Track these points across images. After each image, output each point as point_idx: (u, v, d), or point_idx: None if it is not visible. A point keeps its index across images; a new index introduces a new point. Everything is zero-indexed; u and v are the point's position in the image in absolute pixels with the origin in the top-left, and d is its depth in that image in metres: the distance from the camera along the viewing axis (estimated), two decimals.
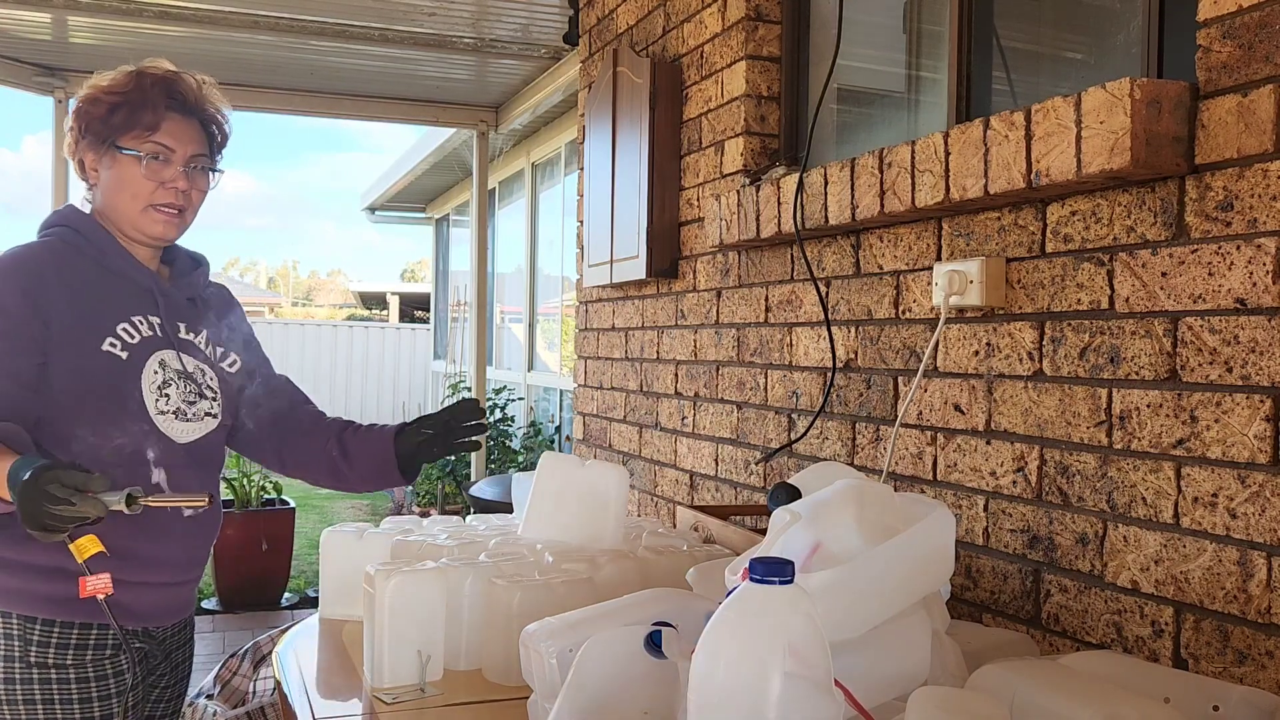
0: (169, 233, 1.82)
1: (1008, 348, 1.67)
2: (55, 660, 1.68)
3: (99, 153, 1.79)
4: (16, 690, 1.67)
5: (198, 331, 1.89)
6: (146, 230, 1.81)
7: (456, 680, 1.58)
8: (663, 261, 2.88)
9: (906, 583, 1.16)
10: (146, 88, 1.78)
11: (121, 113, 1.77)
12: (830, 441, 2.14)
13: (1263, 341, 1.28)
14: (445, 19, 4.67)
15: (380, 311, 18.80)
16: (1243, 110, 1.30)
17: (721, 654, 0.89)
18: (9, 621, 1.68)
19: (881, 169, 1.87)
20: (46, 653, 1.68)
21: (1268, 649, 1.26)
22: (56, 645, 1.69)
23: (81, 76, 5.43)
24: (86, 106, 1.79)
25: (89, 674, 1.70)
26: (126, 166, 1.77)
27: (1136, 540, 1.44)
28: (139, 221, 1.79)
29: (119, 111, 1.77)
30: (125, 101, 1.77)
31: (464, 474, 7.27)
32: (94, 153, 1.80)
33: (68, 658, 1.69)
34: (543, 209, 7.83)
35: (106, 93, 1.78)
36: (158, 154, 1.78)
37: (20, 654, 1.67)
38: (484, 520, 2.16)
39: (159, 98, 1.78)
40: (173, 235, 1.84)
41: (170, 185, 1.79)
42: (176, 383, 1.80)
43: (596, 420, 3.50)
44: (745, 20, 2.55)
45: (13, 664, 1.67)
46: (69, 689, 1.69)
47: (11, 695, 1.67)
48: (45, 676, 1.68)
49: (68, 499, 1.41)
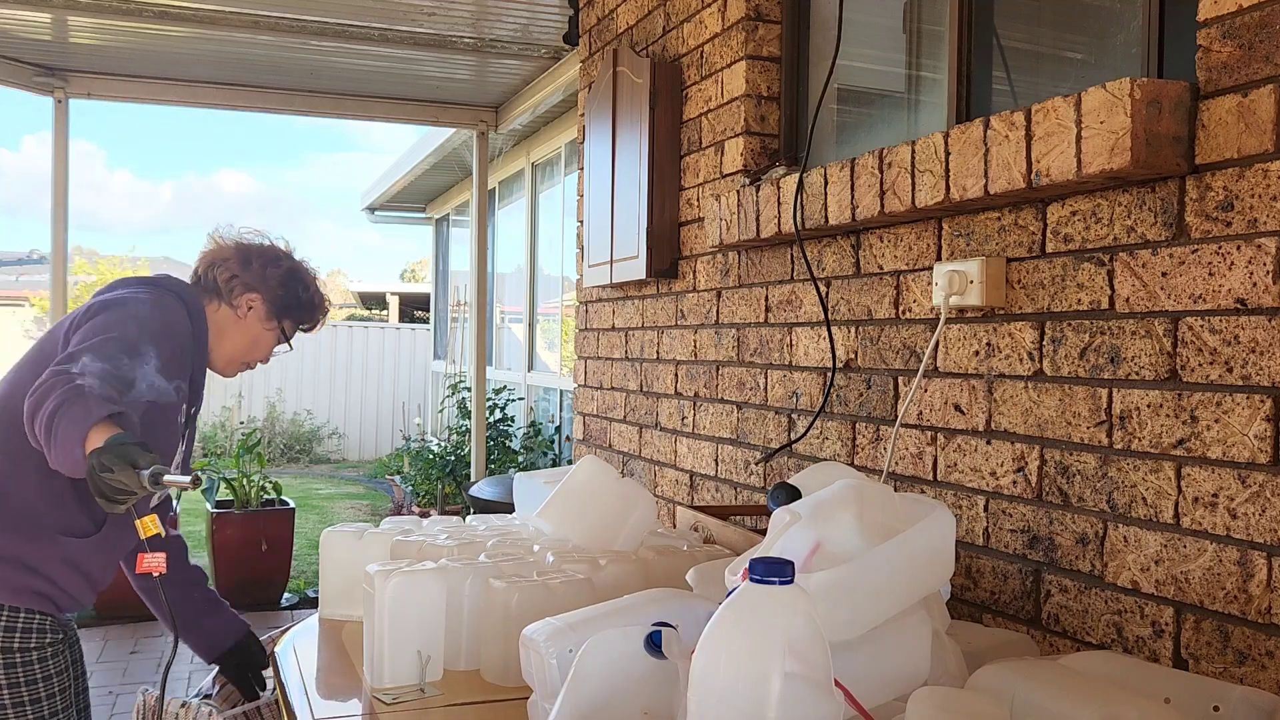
0: (232, 376, 2.20)
1: (1008, 348, 1.67)
2: (2, 644, 1.84)
3: (268, 312, 2.13)
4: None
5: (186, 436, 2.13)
6: (226, 370, 2.16)
7: (456, 680, 1.58)
8: (663, 261, 2.88)
9: (906, 583, 1.16)
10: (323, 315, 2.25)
11: (307, 312, 2.19)
12: (830, 441, 2.14)
13: (1263, 341, 1.28)
14: (445, 19, 4.67)
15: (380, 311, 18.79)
16: (1243, 110, 1.30)
17: (721, 654, 0.89)
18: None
19: (881, 169, 1.87)
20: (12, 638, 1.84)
21: (1268, 649, 1.26)
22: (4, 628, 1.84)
23: (81, 76, 5.47)
24: (293, 282, 2.15)
25: (31, 657, 1.87)
26: (271, 337, 2.16)
27: (1137, 540, 1.44)
28: (232, 363, 2.15)
29: (306, 311, 2.18)
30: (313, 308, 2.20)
31: (464, 474, 7.27)
32: (265, 308, 2.12)
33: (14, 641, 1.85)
34: (543, 209, 7.83)
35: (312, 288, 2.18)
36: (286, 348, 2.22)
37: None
38: (484, 520, 2.16)
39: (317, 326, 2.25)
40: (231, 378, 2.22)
41: (267, 359, 2.21)
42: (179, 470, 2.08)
43: (596, 420, 3.50)
44: (745, 20, 2.55)
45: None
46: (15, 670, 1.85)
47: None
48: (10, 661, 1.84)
49: (110, 468, 1.55)
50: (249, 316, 2.11)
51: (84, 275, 12.95)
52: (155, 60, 5.29)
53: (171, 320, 1.95)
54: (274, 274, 2.12)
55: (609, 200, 3.16)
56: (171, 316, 1.96)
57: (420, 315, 15.90)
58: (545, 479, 2.21)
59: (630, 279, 3.01)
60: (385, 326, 14.62)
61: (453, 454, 7.84)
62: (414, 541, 1.86)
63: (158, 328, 1.90)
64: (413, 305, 16.90)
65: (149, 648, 5.22)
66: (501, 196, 8.89)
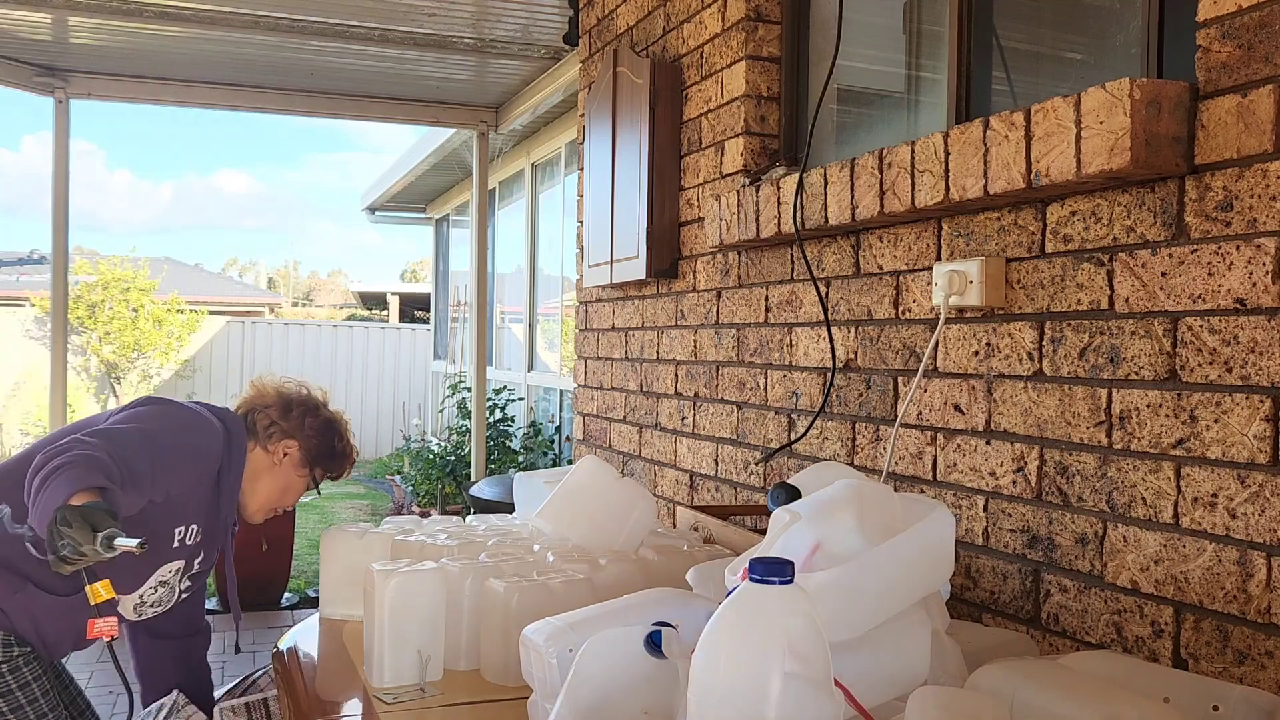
0: (261, 521, 2.22)
1: (1007, 348, 1.67)
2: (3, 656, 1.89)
3: (302, 460, 2.18)
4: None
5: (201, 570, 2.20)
6: (256, 515, 2.20)
7: (456, 680, 1.58)
8: (663, 262, 2.88)
9: (906, 583, 1.16)
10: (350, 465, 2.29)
11: (335, 462, 2.24)
12: (830, 441, 2.14)
13: (1262, 341, 1.28)
14: (445, 19, 4.67)
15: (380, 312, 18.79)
16: (1242, 110, 1.30)
17: (721, 654, 0.89)
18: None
19: (881, 169, 1.87)
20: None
21: (1267, 649, 1.27)
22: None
23: (81, 77, 5.46)
24: (331, 435, 2.22)
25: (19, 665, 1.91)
26: (301, 483, 2.21)
27: (1136, 540, 1.44)
28: (264, 507, 2.19)
29: (335, 461, 2.24)
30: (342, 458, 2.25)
31: (464, 474, 7.27)
32: (300, 455, 2.18)
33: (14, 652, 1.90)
34: (543, 209, 7.83)
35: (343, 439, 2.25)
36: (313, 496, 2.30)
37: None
38: (484, 520, 2.16)
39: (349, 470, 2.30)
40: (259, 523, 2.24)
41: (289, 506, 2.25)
42: (163, 589, 2.10)
43: (596, 420, 3.50)
44: (745, 20, 2.55)
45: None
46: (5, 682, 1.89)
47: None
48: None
49: (70, 523, 1.58)
50: (284, 463, 2.17)
51: (84, 275, 12.94)
52: (155, 60, 5.29)
53: (205, 440, 2.03)
54: (312, 424, 2.20)
55: (609, 200, 3.16)
56: (207, 437, 2.04)
57: (420, 315, 15.90)
58: (545, 479, 2.21)
59: (630, 279, 3.01)
60: (385, 326, 14.62)
61: (453, 454, 7.84)
62: (414, 541, 1.86)
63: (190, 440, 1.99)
64: (413, 305, 16.90)
65: None
66: (502, 197, 8.89)
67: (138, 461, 1.83)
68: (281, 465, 2.17)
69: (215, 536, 2.14)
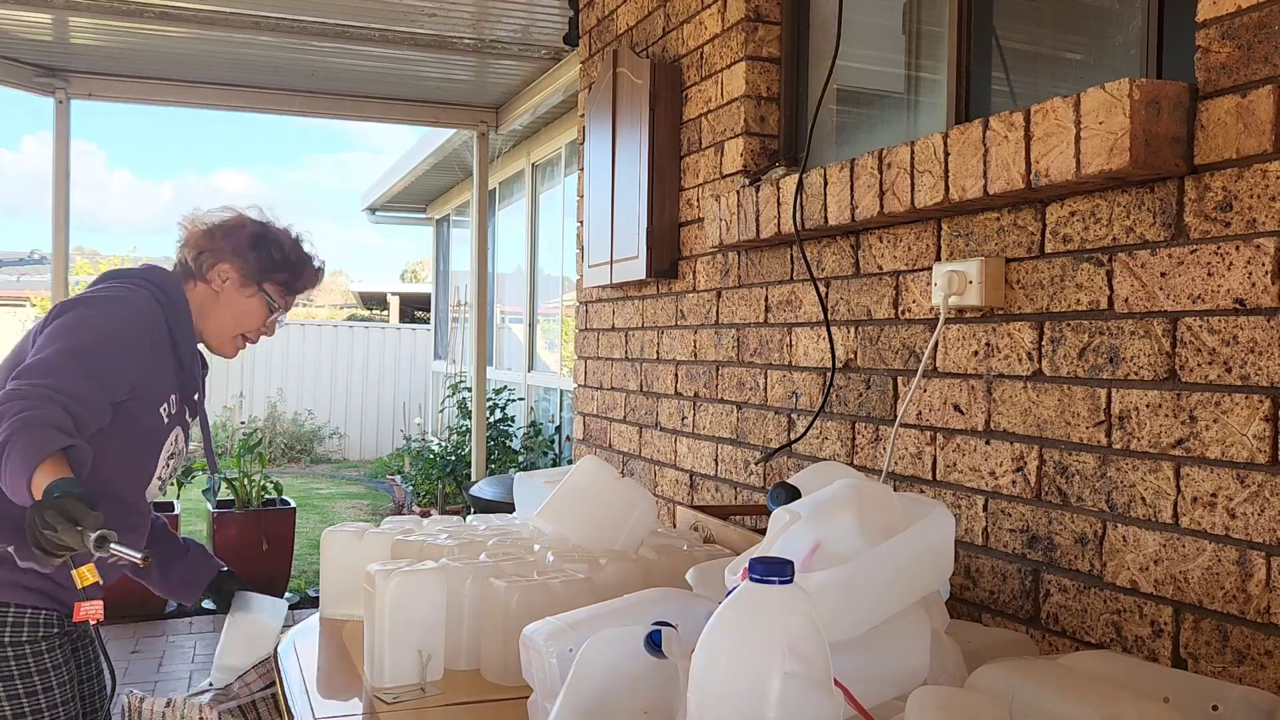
0: (234, 356, 2.15)
1: (1007, 348, 1.68)
2: (11, 639, 1.86)
3: (243, 279, 2.07)
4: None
5: (191, 422, 2.15)
6: (224, 348, 2.12)
7: (456, 680, 1.59)
8: (663, 262, 2.88)
9: (906, 582, 1.17)
10: (312, 267, 2.16)
11: (285, 273, 2.10)
12: (830, 441, 2.15)
13: (1262, 341, 1.28)
14: (445, 20, 4.67)
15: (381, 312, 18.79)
16: (1242, 111, 1.30)
17: (721, 654, 0.89)
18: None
19: (881, 169, 1.88)
20: (3, 632, 1.85)
21: (1267, 649, 1.27)
22: (12, 625, 1.86)
23: (81, 77, 5.47)
24: (259, 242, 2.09)
25: (41, 648, 1.89)
26: (257, 305, 2.09)
27: (1136, 540, 1.44)
28: (226, 340, 2.11)
29: (284, 270, 2.10)
30: (292, 265, 2.12)
31: (464, 474, 7.27)
32: (238, 275, 2.07)
33: (22, 635, 1.87)
34: (543, 209, 7.83)
35: (283, 245, 2.11)
36: (282, 314, 2.14)
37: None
38: (484, 520, 2.16)
39: (312, 279, 2.17)
40: (233, 358, 2.15)
41: (262, 331, 2.14)
42: (175, 458, 2.09)
43: (596, 420, 3.50)
44: (745, 21, 2.55)
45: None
46: (26, 665, 1.87)
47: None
48: (2, 655, 1.85)
49: (53, 526, 1.56)
50: (225, 288, 2.06)
51: (85, 275, 12.95)
52: (155, 60, 5.29)
53: (135, 316, 1.92)
54: (240, 239, 2.07)
55: (609, 201, 3.16)
56: (136, 311, 1.92)
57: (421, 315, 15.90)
58: (545, 479, 2.21)
59: (630, 279, 3.02)
60: (386, 327, 14.62)
61: (453, 454, 7.84)
62: (414, 541, 1.86)
63: (119, 326, 1.87)
64: (413, 305, 16.90)
65: (149, 647, 5.23)
66: (502, 197, 8.89)
67: (80, 384, 1.75)
68: (224, 291, 2.06)
69: (190, 388, 2.08)
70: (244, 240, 2.08)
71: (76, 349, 1.79)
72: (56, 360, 1.76)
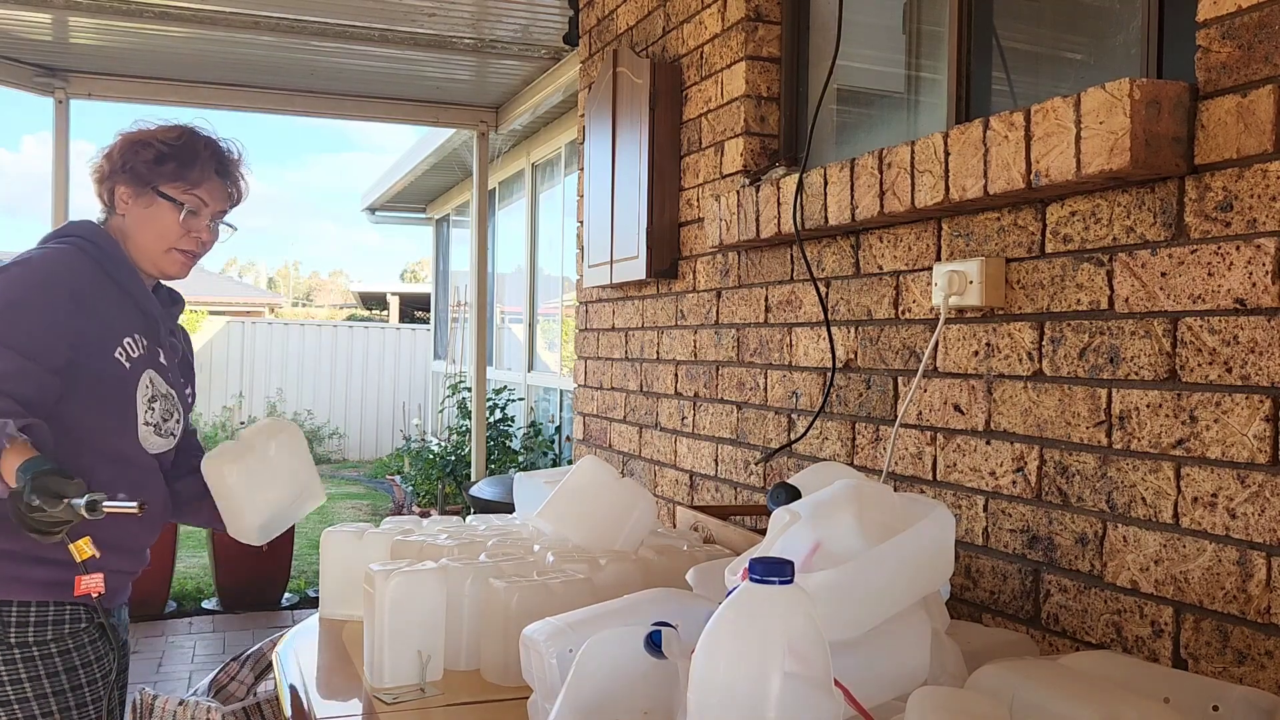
0: (181, 273, 2.01)
1: (1007, 348, 1.68)
2: (35, 639, 1.79)
3: (137, 190, 1.95)
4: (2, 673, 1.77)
5: (171, 361, 2.04)
6: (164, 268, 1.99)
7: (456, 680, 1.58)
8: (662, 262, 2.88)
9: (906, 583, 1.16)
10: (199, 147, 1.98)
11: (171, 164, 1.95)
12: (830, 441, 2.15)
13: (1262, 341, 1.28)
14: (445, 19, 4.67)
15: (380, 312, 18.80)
16: (1242, 111, 1.30)
17: (721, 654, 0.89)
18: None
19: (881, 169, 1.87)
20: (26, 632, 1.79)
21: (1267, 649, 1.27)
22: (35, 624, 1.80)
23: (81, 77, 5.46)
24: (135, 147, 1.96)
25: (68, 646, 1.82)
26: (163, 211, 1.95)
27: (1136, 540, 1.44)
28: (159, 259, 1.98)
29: (168, 162, 1.95)
30: (175, 154, 1.96)
31: (464, 474, 7.27)
32: (131, 189, 1.95)
33: (47, 634, 1.81)
34: (543, 209, 7.83)
35: (159, 140, 1.96)
36: (195, 208, 1.97)
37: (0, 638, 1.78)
38: (484, 520, 2.16)
39: (208, 159, 1.99)
40: (183, 276, 2.02)
41: (195, 235, 1.98)
42: (160, 400, 1.98)
43: (596, 420, 3.50)
44: (745, 21, 2.55)
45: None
46: (54, 665, 1.81)
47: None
48: (28, 656, 1.78)
49: (41, 506, 1.54)
50: (130, 208, 1.96)
51: None
52: (155, 60, 5.29)
53: (49, 275, 1.82)
54: (116, 154, 1.97)
55: (609, 200, 3.16)
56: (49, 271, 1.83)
57: (420, 315, 15.90)
58: (545, 479, 2.21)
59: (630, 279, 3.02)
60: (385, 327, 14.62)
61: (453, 454, 7.84)
62: (414, 541, 1.86)
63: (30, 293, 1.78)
64: (413, 305, 16.90)
65: (149, 647, 5.23)
66: (502, 197, 8.89)
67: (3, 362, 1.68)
68: (130, 213, 1.96)
69: (154, 328, 1.98)
70: (117, 151, 1.98)
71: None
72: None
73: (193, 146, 1.98)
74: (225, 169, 2.03)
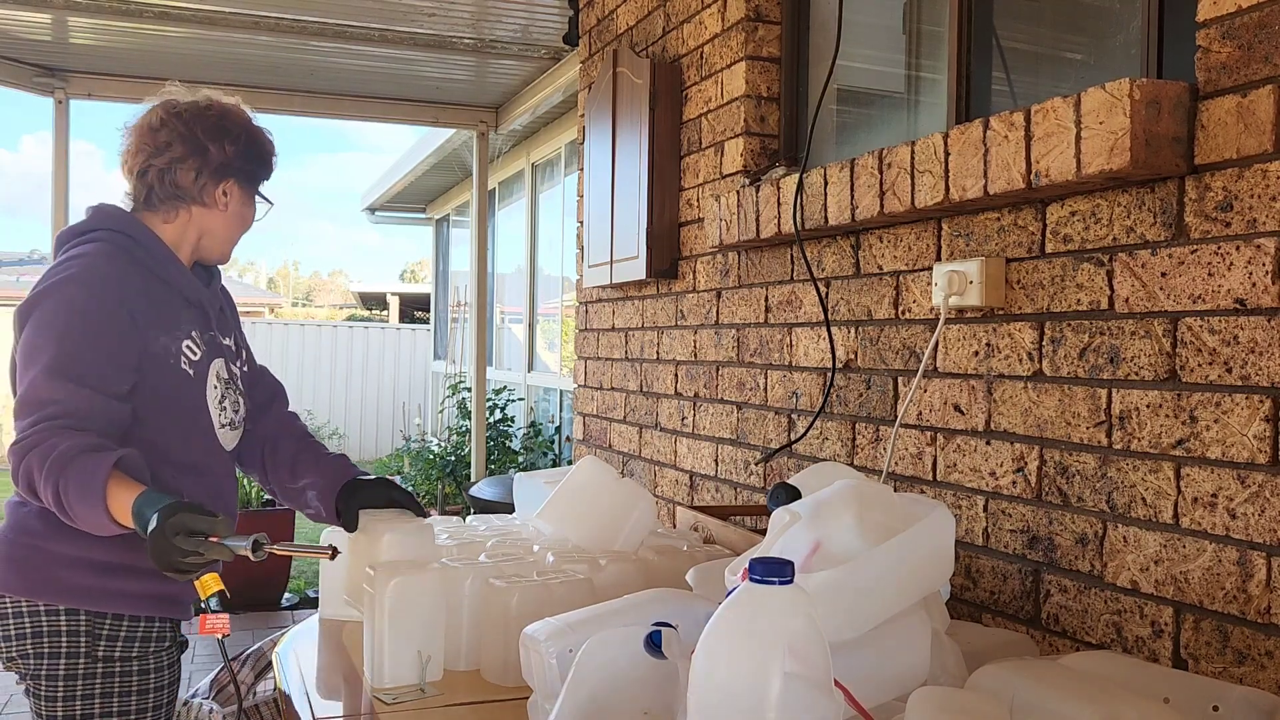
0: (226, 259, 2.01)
1: (1007, 348, 1.67)
2: (121, 653, 1.76)
3: (247, 190, 1.96)
4: (79, 686, 1.74)
5: (227, 337, 1.98)
6: (217, 256, 1.97)
7: (456, 680, 1.58)
8: (662, 262, 2.88)
9: (906, 583, 1.17)
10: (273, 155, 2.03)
11: (271, 170, 2.02)
12: (830, 442, 2.14)
13: (1262, 342, 1.28)
14: (445, 19, 4.67)
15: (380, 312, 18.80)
16: (1242, 111, 1.30)
17: (721, 654, 0.89)
18: (76, 619, 1.74)
19: (881, 169, 1.87)
20: (114, 646, 1.76)
21: (1267, 649, 1.27)
22: (124, 639, 1.76)
23: (81, 77, 5.46)
24: (253, 149, 1.96)
25: (149, 665, 1.79)
26: (251, 208, 1.98)
27: (1136, 540, 1.44)
28: (225, 250, 1.97)
29: (269, 164, 2.01)
30: (273, 165, 2.02)
31: (464, 474, 7.27)
32: (242, 190, 1.94)
33: (133, 650, 1.77)
34: (543, 209, 7.83)
35: (271, 146, 2.01)
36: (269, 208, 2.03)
37: (88, 649, 1.74)
38: (484, 520, 2.16)
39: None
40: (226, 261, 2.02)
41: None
42: (228, 394, 1.92)
43: (596, 420, 3.50)
44: (745, 21, 2.55)
45: (77, 660, 1.73)
46: (130, 681, 1.77)
47: (75, 690, 1.74)
48: (109, 670, 1.75)
49: (195, 549, 1.49)
50: (230, 204, 1.92)
51: None
52: (155, 60, 5.29)
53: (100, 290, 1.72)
54: (233, 150, 1.91)
55: (609, 201, 3.16)
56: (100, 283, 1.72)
57: (420, 315, 15.90)
58: (545, 479, 2.21)
59: (630, 279, 3.01)
60: (385, 327, 14.62)
61: (453, 454, 7.84)
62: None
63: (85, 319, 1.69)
64: (413, 305, 16.90)
65: None
66: (501, 197, 8.89)
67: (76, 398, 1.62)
68: (228, 209, 1.92)
69: (207, 318, 1.90)
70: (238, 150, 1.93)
71: (53, 366, 1.64)
72: (42, 388, 1.64)
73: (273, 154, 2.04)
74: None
